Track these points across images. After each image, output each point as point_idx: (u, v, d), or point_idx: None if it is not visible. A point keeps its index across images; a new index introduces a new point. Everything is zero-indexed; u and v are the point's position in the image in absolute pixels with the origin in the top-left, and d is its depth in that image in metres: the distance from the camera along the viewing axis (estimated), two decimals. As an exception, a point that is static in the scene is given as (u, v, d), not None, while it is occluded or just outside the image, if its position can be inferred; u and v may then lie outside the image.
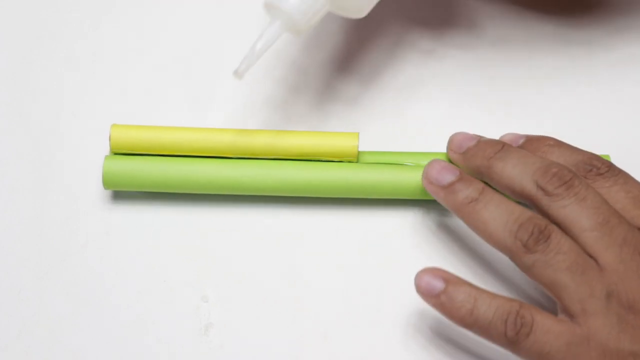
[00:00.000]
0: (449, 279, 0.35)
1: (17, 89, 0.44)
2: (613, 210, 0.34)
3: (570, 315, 0.33)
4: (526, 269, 0.34)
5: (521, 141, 0.39)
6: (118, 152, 0.40)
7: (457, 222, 0.40)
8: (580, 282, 0.33)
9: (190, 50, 0.46)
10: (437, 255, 0.39)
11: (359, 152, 0.40)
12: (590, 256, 0.33)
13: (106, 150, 0.41)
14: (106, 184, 0.40)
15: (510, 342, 0.33)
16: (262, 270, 0.39)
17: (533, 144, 0.38)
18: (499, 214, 0.35)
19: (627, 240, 0.33)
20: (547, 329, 0.33)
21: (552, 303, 0.35)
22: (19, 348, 0.38)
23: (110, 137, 0.40)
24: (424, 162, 0.39)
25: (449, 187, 0.37)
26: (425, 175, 0.38)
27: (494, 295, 0.34)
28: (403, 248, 0.40)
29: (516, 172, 0.36)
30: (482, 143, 0.38)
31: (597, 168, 0.36)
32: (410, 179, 0.39)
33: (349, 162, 0.40)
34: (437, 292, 0.35)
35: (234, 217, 0.41)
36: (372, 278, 0.39)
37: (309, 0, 0.36)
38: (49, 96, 0.44)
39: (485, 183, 0.37)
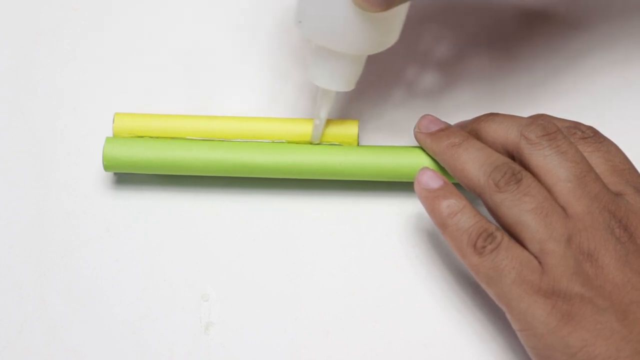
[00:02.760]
0: (448, 183, 0.37)
1: (18, 85, 0.44)
2: (591, 168, 0.35)
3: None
4: (494, 206, 0.35)
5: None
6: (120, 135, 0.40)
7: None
8: (542, 224, 0.34)
9: (190, 48, 0.46)
10: (438, 255, 0.40)
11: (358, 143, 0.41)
12: (561, 206, 0.34)
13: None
14: (106, 165, 0.40)
15: (476, 253, 0.34)
16: (262, 269, 0.39)
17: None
18: (478, 156, 0.37)
19: (599, 196, 0.34)
20: (511, 251, 0.34)
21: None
22: (20, 345, 0.38)
23: (113, 124, 0.40)
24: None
25: (436, 133, 0.39)
26: (417, 125, 0.40)
27: (480, 214, 0.36)
28: (403, 247, 0.40)
29: (503, 126, 0.37)
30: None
31: (582, 132, 0.37)
32: (410, 160, 0.40)
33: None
34: (433, 187, 0.37)
35: (234, 216, 0.41)
36: (372, 276, 0.39)
37: (351, 73, 0.38)
38: (49, 93, 0.44)
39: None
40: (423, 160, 0.40)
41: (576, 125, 0.38)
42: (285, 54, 0.45)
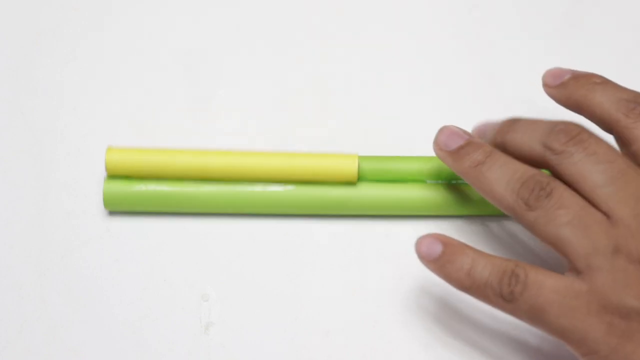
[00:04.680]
0: (448, 242, 0.34)
1: (18, 85, 0.44)
2: (629, 162, 0.33)
3: (578, 271, 0.32)
4: (530, 226, 0.33)
5: (566, 77, 0.37)
6: (115, 174, 0.40)
7: (458, 225, 0.40)
8: (583, 237, 0.32)
9: (190, 48, 0.46)
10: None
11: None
12: (605, 212, 0.32)
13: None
14: (107, 206, 0.40)
15: (507, 301, 0.32)
16: (262, 269, 0.39)
17: (579, 81, 0.36)
18: (503, 173, 0.34)
19: None
20: (541, 284, 0.32)
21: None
22: (20, 345, 0.38)
23: (105, 161, 0.39)
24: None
25: (457, 152, 0.36)
26: (435, 141, 0.37)
27: (490, 257, 0.33)
28: (404, 247, 0.40)
29: (525, 138, 0.35)
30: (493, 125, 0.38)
31: None
32: (413, 199, 0.40)
33: (349, 183, 0.40)
34: (436, 256, 0.34)
35: (234, 216, 0.41)
36: (372, 277, 0.39)
37: None
38: (49, 93, 0.44)
39: None
40: (427, 199, 0.39)
41: (635, 99, 0.34)
42: (287, 52, 0.45)
